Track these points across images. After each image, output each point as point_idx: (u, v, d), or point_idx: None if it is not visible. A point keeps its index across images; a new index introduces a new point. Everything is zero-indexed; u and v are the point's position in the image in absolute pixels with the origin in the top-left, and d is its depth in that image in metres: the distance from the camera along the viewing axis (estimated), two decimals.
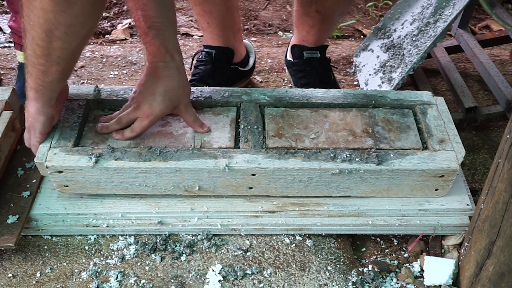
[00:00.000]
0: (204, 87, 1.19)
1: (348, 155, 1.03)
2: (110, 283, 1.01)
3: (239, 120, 1.13)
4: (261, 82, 1.60)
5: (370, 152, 1.04)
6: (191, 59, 1.53)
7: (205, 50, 1.45)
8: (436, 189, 1.07)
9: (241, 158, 1.03)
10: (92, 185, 1.04)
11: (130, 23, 1.93)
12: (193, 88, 1.17)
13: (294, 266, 1.05)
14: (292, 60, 1.50)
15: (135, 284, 1.01)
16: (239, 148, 1.06)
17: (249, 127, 1.10)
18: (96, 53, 1.72)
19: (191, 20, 2.00)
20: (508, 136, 0.81)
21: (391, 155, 1.04)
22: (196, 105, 1.16)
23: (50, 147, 1.03)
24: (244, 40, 1.54)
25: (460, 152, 1.05)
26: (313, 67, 1.44)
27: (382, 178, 1.04)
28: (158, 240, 1.08)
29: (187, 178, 1.03)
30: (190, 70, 1.49)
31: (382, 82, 1.43)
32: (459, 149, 1.05)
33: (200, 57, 1.46)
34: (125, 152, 1.02)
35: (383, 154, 1.04)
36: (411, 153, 1.05)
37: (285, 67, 1.58)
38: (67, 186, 1.05)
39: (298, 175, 1.03)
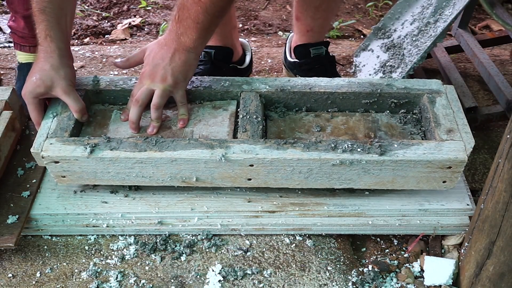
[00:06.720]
0: (205, 77, 1.18)
1: (349, 145, 0.99)
2: (110, 283, 1.01)
3: (238, 110, 1.11)
4: None
5: (373, 142, 1.00)
6: None
7: (204, 50, 1.44)
8: (444, 181, 1.03)
9: (239, 148, 1.00)
10: (89, 175, 1.03)
11: (130, 23, 1.93)
12: (193, 78, 1.16)
13: (294, 266, 1.05)
14: (298, 60, 1.47)
15: (135, 284, 1.01)
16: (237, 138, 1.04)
17: (248, 116, 1.07)
18: (96, 53, 1.72)
19: None
20: (508, 136, 0.81)
21: (395, 145, 0.99)
22: (195, 95, 1.15)
23: (47, 137, 1.03)
24: (239, 39, 1.54)
25: (469, 143, 1.00)
26: (321, 64, 1.43)
27: (385, 169, 1.00)
28: (158, 240, 1.08)
29: (184, 168, 1.01)
30: None
31: None
32: (468, 139, 1.01)
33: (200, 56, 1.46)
34: (121, 142, 1.01)
35: (387, 145, 0.99)
36: (416, 143, 1.00)
37: (285, 68, 1.57)
38: (64, 176, 1.04)
39: (297, 166, 1.00)
